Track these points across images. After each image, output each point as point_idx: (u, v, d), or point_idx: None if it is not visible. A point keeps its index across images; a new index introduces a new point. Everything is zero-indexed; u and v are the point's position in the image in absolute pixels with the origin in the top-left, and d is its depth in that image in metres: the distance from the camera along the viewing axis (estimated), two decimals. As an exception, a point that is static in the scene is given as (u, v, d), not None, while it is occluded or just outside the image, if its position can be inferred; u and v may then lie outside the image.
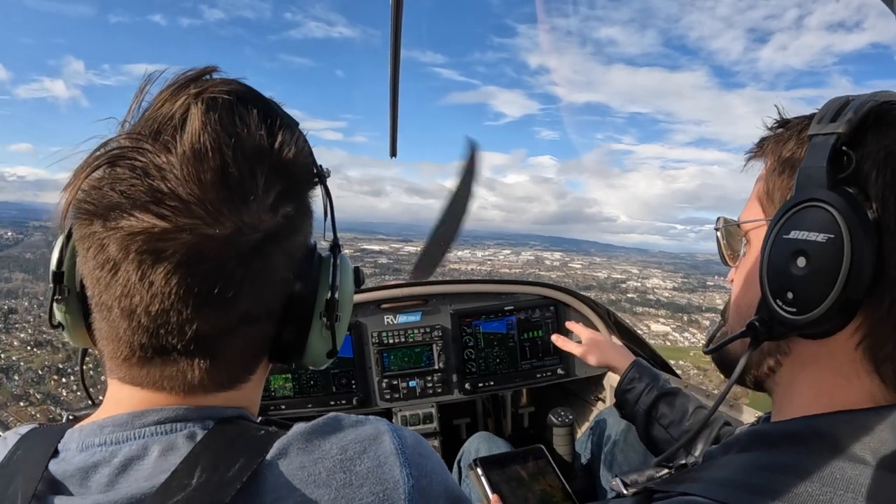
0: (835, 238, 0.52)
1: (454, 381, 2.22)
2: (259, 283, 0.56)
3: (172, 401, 0.58)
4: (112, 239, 0.51)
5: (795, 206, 0.56)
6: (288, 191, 0.58)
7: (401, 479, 0.57)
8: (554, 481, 1.53)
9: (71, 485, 0.53)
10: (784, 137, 0.63)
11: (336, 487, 0.54)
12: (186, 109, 0.53)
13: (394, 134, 1.88)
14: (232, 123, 0.54)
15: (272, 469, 0.54)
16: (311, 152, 0.63)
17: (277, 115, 0.59)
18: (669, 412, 1.40)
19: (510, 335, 2.26)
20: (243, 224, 0.53)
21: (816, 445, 0.54)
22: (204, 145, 0.52)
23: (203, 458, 0.53)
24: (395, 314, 2.21)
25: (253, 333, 0.60)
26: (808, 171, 0.57)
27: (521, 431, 2.59)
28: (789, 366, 0.62)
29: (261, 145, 0.55)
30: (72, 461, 0.54)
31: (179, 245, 0.50)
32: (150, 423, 0.56)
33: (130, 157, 0.52)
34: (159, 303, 0.52)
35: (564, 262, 76.79)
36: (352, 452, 0.57)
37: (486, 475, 1.48)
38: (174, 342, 0.54)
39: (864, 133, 0.55)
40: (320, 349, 0.66)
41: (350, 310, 0.70)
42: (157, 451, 0.54)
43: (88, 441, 0.56)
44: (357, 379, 2.15)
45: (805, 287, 0.55)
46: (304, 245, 0.64)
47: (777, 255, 0.57)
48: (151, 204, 0.50)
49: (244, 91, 0.58)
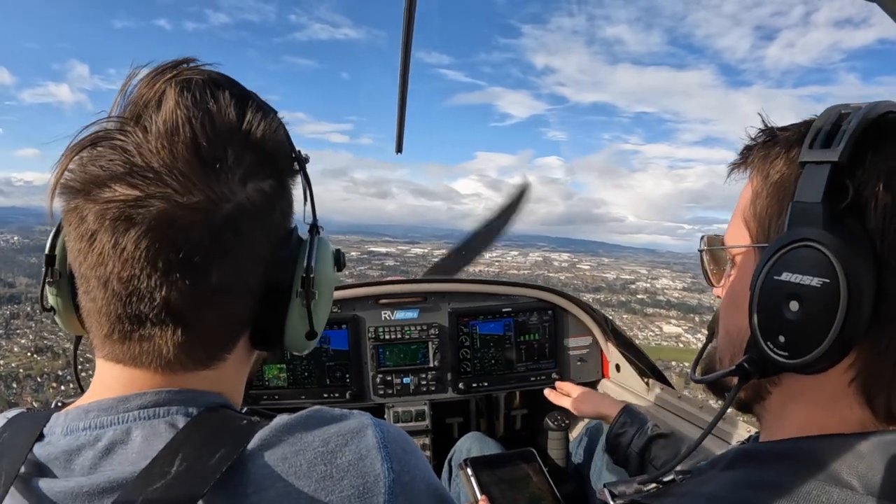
0: (831, 283, 0.50)
1: (448, 380, 2.22)
2: (231, 255, 0.57)
3: (154, 381, 0.58)
4: (90, 210, 0.53)
5: (787, 245, 0.53)
6: (261, 167, 0.59)
7: (381, 472, 0.57)
8: (544, 485, 1.53)
9: (55, 467, 0.54)
10: (772, 154, 0.60)
11: (317, 479, 0.54)
12: (163, 92, 0.57)
13: (400, 130, 1.88)
14: (204, 101, 0.57)
15: (253, 459, 0.54)
16: (286, 137, 0.65)
17: (250, 98, 0.62)
18: (662, 454, 1.41)
19: (507, 337, 2.26)
20: (214, 194, 0.54)
21: (804, 466, 0.53)
22: (176, 121, 0.55)
23: (185, 446, 0.53)
24: (393, 310, 2.22)
25: (228, 308, 0.60)
26: (801, 206, 0.53)
27: (513, 433, 2.60)
28: (779, 395, 0.61)
29: (231, 121, 0.58)
30: (56, 444, 0.55)
31: (150, 212, 0.52)
32: (134, 407, 0.57)
33: (111, 137, 0.55)
34: (130, 268, 0.53)
35: (573, 263, 76.64)
36: (333, 445, 0.57)
37: (476, 475, 1.48)
38: (146, 310, 0.55)
39: (861, 157, 0.52)
40: (299, 331, 0.65)
41: (330, 292, 0.71)
42: (140, 437, 0.55)
43: (73, 425, 0.56)
44: (352, 373, 2.16)
45: (798, 332, 0.52)
46: (282, 226, 0.65)
47: (768, 296, 0.55)
48: (127, 175, 0.53)
49: (218, 76, 0.61)
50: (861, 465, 0.50)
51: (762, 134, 0.62)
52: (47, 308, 0.67)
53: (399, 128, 1.66)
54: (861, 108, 0.54)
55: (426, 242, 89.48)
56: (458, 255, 2.46)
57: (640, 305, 56.29)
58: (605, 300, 58.98)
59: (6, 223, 30.82)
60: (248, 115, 0.59)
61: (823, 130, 0.54)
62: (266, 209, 0.60)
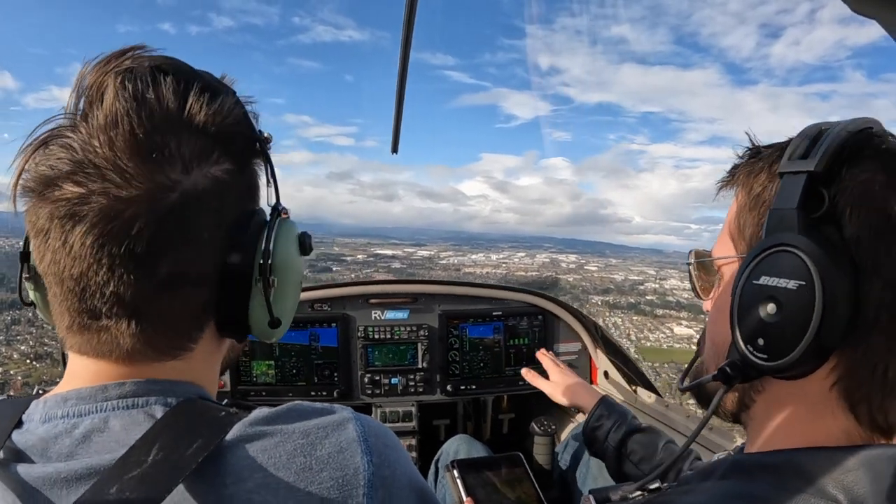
0: (806, 285, 0.51)
1: (437, 382, 2.22)
2: (179, 245, 0.56)
3: (120, 372, 0.58)
4: (43, 210, 0.54)
5: (765, 250, 0.55)
6: (208, 152, 0.59)
7: (361, 465, 0.57)
8: (529, 490, 1.54)
9: (32, 454, 0.54)
10: (756, 169, 0.61)
11: (296, 471, 0.54)
12: (105, 85, 0.56)
13: (397, 131, 1.88)
14: (142, 91, 0.56)
15: (232, 450, 0.54)
16: (242, 118, 0.63)
17: (197, 81, 0.60)
18: (639, 449, 1.41)
19: (496, 340, 2.26)
20: (154, 184, 0.54)
21: (791, 480, 0.53)
22: (116, 114, 0.54)
23: (162, 435, 0.53)
24: (384, 310, 2.21)
25: (183, 298, 0.59)
26: (778, 214, 0.55)
27: (500, 437, 2.60)
28: (763, 402, 0.62)
29: (170, 108, 0.57)
30: (35, 432, 0.55)
31: (92, 208, 0.53)
32: (113, 397, 0.57)
33: (61, 135, 0.56)
34: (79, 265, 0.54)
35: (580, 265, 76.60)
36: (314, 437, 0.57)
37: (462, 478, 1.48)
38: (99, 305, 0.55)
39: (838, 168, 0.53)
40: (262, 319, 0.64)
41: (294, 276, 0.68)
42: (118, 426, 0.55)
43: (51, 413, 0.57)
44: (340, 371, 2.15)
45: (776, 334, 0.53)
46: (241, 209, 0.63)
47: (747, 300, 0.56)
48: (72, 174, 0.53)
49: (163, 62, 0.60)
50: (847, 478, 0.51)
51: (748, 151, 0.64)
52: (27, 302, 0.69)
53: (395, 128, 1.66)
54: (839, 124, 0.56)
55: (432, 244, 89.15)
56: None
57: (649, 307, 55.93)
58: (615, 302, 58.75)
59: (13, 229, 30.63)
60: (190, 100, 0.58)
61: (802, 144, 0.56)
62: (216, 195, 0.59)
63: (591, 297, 59.79)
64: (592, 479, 1.73)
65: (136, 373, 0.59)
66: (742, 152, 0.65)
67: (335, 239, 17.27)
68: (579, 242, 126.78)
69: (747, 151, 0.64)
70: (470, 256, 77.31)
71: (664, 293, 59.92)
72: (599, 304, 58.28)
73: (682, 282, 17.44)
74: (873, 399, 0.54)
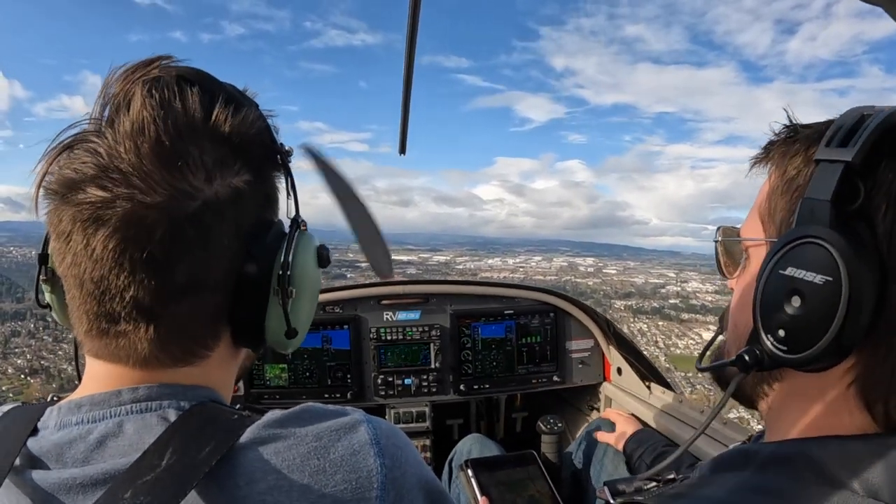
0: (833, 281, 0.50)
1: (449, 382, 2.23)
2: (197, 252, 0.57)
3: (139, 377, 0.59)
4: (66, 212, 0.55)
5: (795, 240, 0.54)
6: (230, 162, 0.59)
7: (374, 468, 0.57)
8: (543, 488, 1.53)
9: (48, 460, 0.55)
10: (792, 151, 0.59)
11: (309, 473, 0.55)
12: (132, 92, 0.57)
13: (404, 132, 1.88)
14: (169, 100, 0.57)
15: (245, 453, 0.54)
16: (265, 130, 0.64)
17: (222, 92, 0.61)
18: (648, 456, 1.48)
19: (508, 339, 2.26)
20: (177, 191, 0.55)
21: (805, 471, 0.53)
22: (142, 121, 0.55)
23: (175, 439, 0.54)
24: (395, 311, 2.22)
25: (201, 304, 0.60)
26: (811, 204, 0.53)
27: (513, 436, 2.59)
28: (780, 392, 0.61)
29: (196, 118, 0.58)
30: (49, 438, 0.56)
31: (116, 212, 0.53)
32: (127, 401, 0.58)
33: (86, 140, 0.57)
34: (100, 268, 0.55)
35: (598, 268, 75.94)
36: (326, 440, 0.57)
37: (476, 477, 1.48)
38: (118, 308, 0.56)
39: (877, 161, 0.51)
40: (278, 329, 0.65)
41: (312, 288, 0.68)
42: (131, 430, 0.56)
43: (66, 419, 0.57)
44: (353, 373, 2.16)
45: (798, 327, 0.53)
46: (259, 220, 0.64)
47: (772, 289, 0.55)
48: (97, 178, 0.54)
49: (189, 72, 0.61)
50: (861, 467, 0.50)
51: (785, 129, 0.62)
52: (43, 305, 0.70)
53: (402, 128, 1.66)
54: (884, 110, 0.54)
55: (448, 250, 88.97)
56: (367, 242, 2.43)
57: (674, 311, 54.97)
58: (638, 306, 57.87)
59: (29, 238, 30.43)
60: (215, 111, 0.59)
61: (843, 130, 0.54)
62: (237, 204, 0.60)
63: (614, 302, 59.09)
64: (607, 476, 1.72)
65: (151, 378, 0.60)
66: (779, 129, 0.62)
67: (349, 245, 17.42)
68: (596, 245, 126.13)
69: (784, 129, 0.62)
70: (486, 261, 77.06)
71: (687, 296, 58.87)
72: (622, 308, 57.47)
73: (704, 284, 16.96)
74: (890, 399, 0.53)
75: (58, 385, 28.97)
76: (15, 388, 29.89)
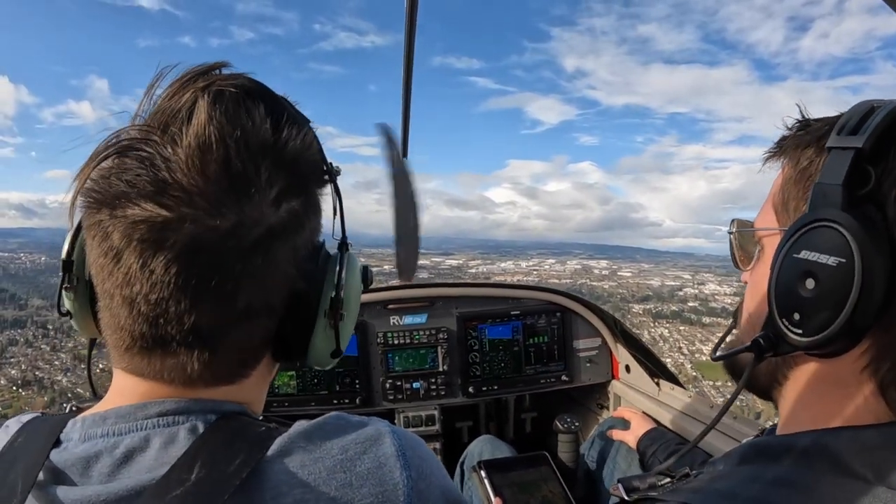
0: (846, 262, 0.50)
1: (458, 384, 2.22)
2: (260, 278, 0.56)
3: (174, 392, 0.58)
4: (116, 227, 0.51)
5: (807, 224, 0.55)
6: (293, 186, 0.57)
7: (400, 480, 0.57)
8: (556, 488, 1.53)
9: (73, 474, 0.53)
10: (804, 142, 0.61)
11: (336, 487, 0.54)
12: (194, 102, 0.54)
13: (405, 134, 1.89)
14: (237, 116, 0.54)
15: (272, 466, 0.54)
16: (319, 149, 0.63)
17: (285, 110, 0.59)
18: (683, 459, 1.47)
19: (515, 340, 2.26)
20: (245, 217, 0.53)
21: (818, 461, 0.53)
22: (209, 137, 0.52)
23: (203, 452, 0.53)
24: (402, 315, 2.22)
25: (253, 329, 0.59)
26: (823, 188, 0.54)
27: (523, 436, 2.59)
28: (794, 380, 0.62)
29: (265, 139, 0.55)
30: (74, 451, 0.55)
31: (180, 235, 0.50)
32: (153, 415, 0.56)
33: (138, 148, 0.53)
34: (158, 292, 0.52)
35: (613, 271, 75.44)
36: (352, 453, 0.57)
37: (489, 478, 1.48)
38: (173, 332, 0.54)
39: (886, 147, 0.52)
40: (324, 349, 0.65)
41: (356, 309, 0.68)
42: (158, 444, 0.54)
43: (91, 432, 0.56)
44: (361, 379, 2.16)
45: (812, 309, 0.53)
46: (311, 242, 0.63)
47: (786, 273, 0.56)
48: (155, 194, 0.50)
49: (252, 85, 0.58)
50: (874, 456, 0.50)
51: (797, 123, 0.63)
52: (63, 312, 0.67)
53: (404, 132, 1.67)
54: (894, 101, 0.55)
55: (460, 253, 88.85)
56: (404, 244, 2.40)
57: (694, 315, 54.00)
58: (657, 310, 57.05)
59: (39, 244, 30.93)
60: (283, 132, 0.57)
61: (853, 119, 0.55)
62: (296, 229, 0.58)
63: (632, 306, 58.59)
64: (621, 474, 1.72)
65: (188, 395, 0.58)
66: (791, 124, 0.64)
67: (362, 249, 17.10)
68: (608, 248, 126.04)
69: (796, 123, 0.63)
70: (499, 264, 76.90)
71: (706, 299, 57.91)
72: (641, 312, 56.61)
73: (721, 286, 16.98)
74: None
75: (49, 398, 28.44)
76: (5, 400, 29.68)
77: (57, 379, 31.47)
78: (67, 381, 30.54)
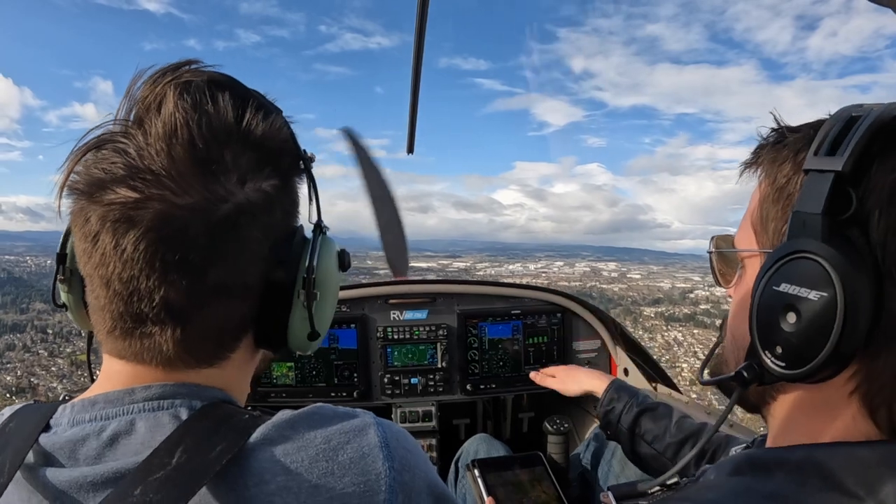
0: (828, 297, 0.49)
1: (456, 381, 2.22)
2: (230, 255, 0.58)
3: (158, 376, 0.60)
4: (94, 212, 0.55)
5: (787, 255, 0.53)
6: (260, 166, 0.60)
7: (382, 471, 0.58)
8: (550, 489, 1.53)
9: (61, 457, 0.56)
10: (780, 157, 0.59)
11: (318, 475, 0.55)
12: (164, 95, 0.58)
13: (412, 131, 1.89)
14: (202, 103, 0.58)
15: (255, 454, 0.55)
16: (290, 136, 0.65)
17: (252, 98, 0.62)
18: (653, 426, 1.42)
19: (515, 339, 2.26)
20: (210, 194, 0.55)
21: (811, 477, 0.52)
22: (175, 123, 0.56)
23: (186, 438, 0.54)
24: (402, 310, 2.22)
25: (228, 308, 0.60)
26: (802, 217, 0.52)
27: (520, 436, 2.59)
28: (782, 402, 0.61)
29: (229, 122, 0.59)
30: (63, 435, 0.57)
31: (148, 213, 0.53)
32: (139, 399, 0.58)
33: (115, 140, 0.57)
34: (130, 269, 0.55)
35: (622, 273, 74.84)
36: (336, 442, 0.57)
37: (482, 477, 1.48)
38: (146, 310, 0.56)
39: (867, 165, 0.50)
40: (301, 331, 0.66)
41: (333, 292, 0.70)
42: (144, 428, 0.56)
43: (79, 416, 0.58)
44: (359, 372, 2.16)
45: (795, 343, 0.52)
46: (285, 225, 0.65)
47: (767, 306, 0.55)
48: (128, 178, 0.54)
49: (220, 77, 0.61)
50: (867, 474, 0.50)
51: (773, 133, 0.61)
52: (59, 304, 0.70)
53: (411, 128, 1.67)
54: (874, 109, 0.53)
55: (467, 256, 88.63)
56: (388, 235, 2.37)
57: (707, 318, 53.10)
58: (669, 313, 56.13)
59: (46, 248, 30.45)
60: (247, 115, 0.60)
61: (830, 135, 0.53)
62: (266, 209, 0.60)
63: (643, 310, 58.02)
64: (614, 477, 1.72)
65: (170, 378, 0.60)
66: (767, 133, 0.62)
67: (368, 252, 17.12)
68: (617, 250, 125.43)
69: (772, 132, 0.61)
70: (507, 267, 76.67)
71: (718, 301, 57.54)
72: (653, 316, 55.95)
73: None
74: (894, 405, 0.53)
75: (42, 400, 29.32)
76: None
77: (52, 386, 31.56)
78: (63, 388, 30.31)
